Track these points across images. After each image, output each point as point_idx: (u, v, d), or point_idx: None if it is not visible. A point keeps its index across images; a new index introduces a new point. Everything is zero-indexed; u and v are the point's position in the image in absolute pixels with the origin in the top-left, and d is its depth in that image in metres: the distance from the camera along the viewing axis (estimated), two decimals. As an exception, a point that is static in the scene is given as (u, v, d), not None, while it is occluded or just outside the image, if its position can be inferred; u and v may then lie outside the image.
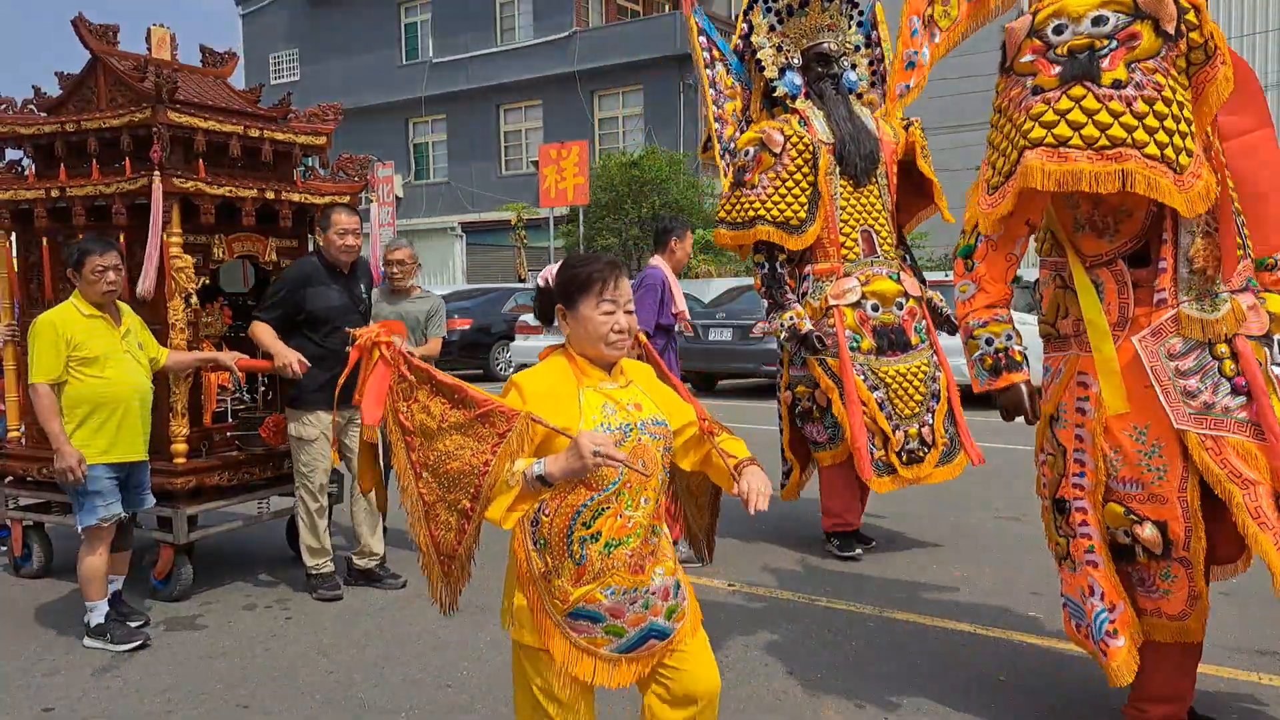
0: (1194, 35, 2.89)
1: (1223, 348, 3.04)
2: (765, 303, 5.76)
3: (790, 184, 5.45)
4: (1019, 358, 3.26)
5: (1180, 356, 3.04)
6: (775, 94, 5.73)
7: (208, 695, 3.92)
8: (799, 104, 5.65)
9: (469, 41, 29.11)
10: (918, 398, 5.45)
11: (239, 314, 5.61)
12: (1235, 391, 3.00)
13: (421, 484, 2.38)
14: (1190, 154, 2.88)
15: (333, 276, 5.06)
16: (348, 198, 5.52)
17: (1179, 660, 3.21)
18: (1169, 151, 2.84)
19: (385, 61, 30.68)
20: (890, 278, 5.55)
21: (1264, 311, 3.11)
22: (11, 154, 5.37)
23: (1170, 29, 2.87)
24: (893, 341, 5.45)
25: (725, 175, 5.79)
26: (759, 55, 5.77)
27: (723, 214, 5.65)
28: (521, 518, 2.31)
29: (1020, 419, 3.36)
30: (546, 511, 2.32)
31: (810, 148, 5.47)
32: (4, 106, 5.26)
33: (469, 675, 4.07)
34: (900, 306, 5.52)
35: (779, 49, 5.78)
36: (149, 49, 5.38)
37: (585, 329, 2.38)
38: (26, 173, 5.33)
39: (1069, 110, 2.89)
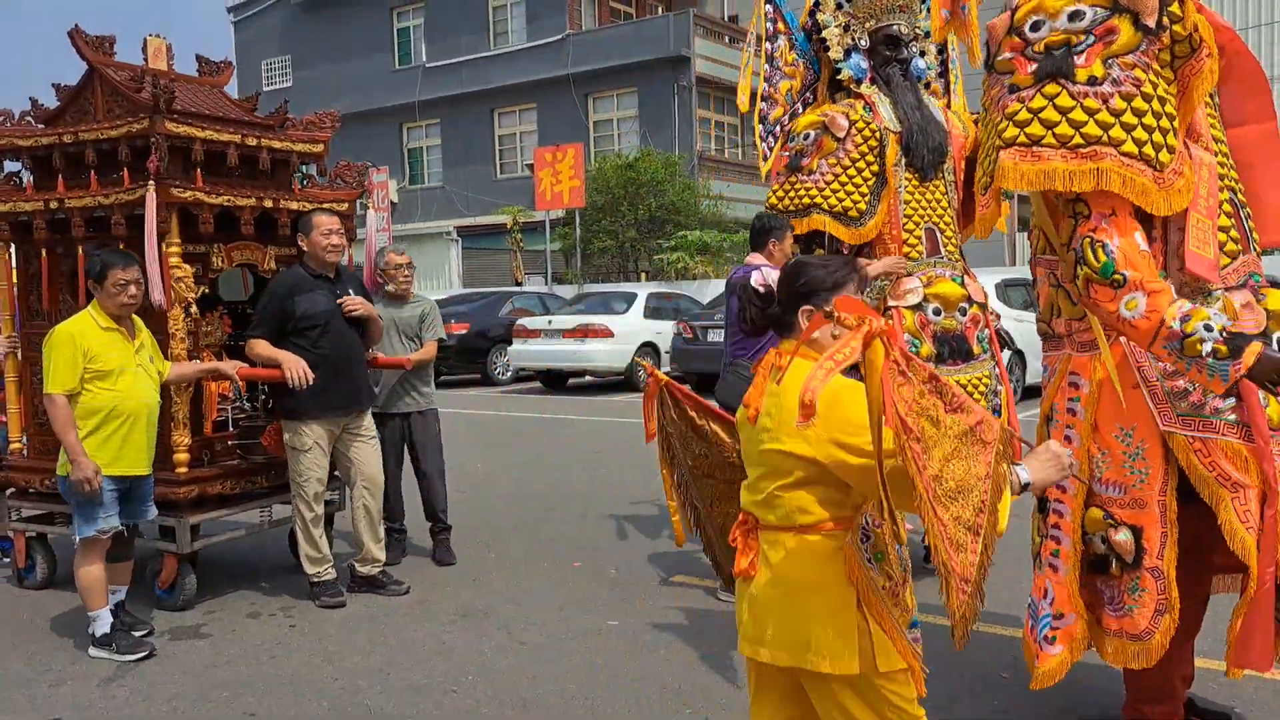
0: (1177, 28, 2.85)
1: None
2: None
3: (852, 172, 5.07)
4: (1241, 328, 2.78)
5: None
6: (839, 76, 5.32)
7: (214, 704, 3.93)
8: (864, 89, 5.24)
9: (462, 45, 29.12)
10: None
11: (239, 322, 5.62)
12: (1226, 392, 2.93)
13: (937, 503, 2.08)
14: (1172, 150, 2.83)
15: (319, 281, 5.06)
16: (345, 205, 5.52)
17: (1170, 662, 3.18)
18: (1147, 149, 2.80)
19: (378, 66, 30.68)
20: (954, 280, 5.11)
21: (1260, 309, 3.03)
22: (9, 166, 5.37)
23: (1150, 22, 2.83)
24: (954, 350, 5.03)
25: (765, 158, 5.44)
26: (824, 34, 5.32)
27: (774, 200, 5.29)
28: (849, 536, 2.21)
29: None
30: (876, 523, 2.19)
31: (877, 134, 5.10)
32: (1, 119, 5.27)
33: (475, 681, 4.08)
34: (963, 312, 5.09)
35: (845, 28, 5.32)
36: (145, 59, 5.39)
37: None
38: (25, 184, 5.33)
39: (1042, 109, 2.85)
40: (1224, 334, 2.70)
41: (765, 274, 2.47)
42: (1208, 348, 2.70)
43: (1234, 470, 2.89)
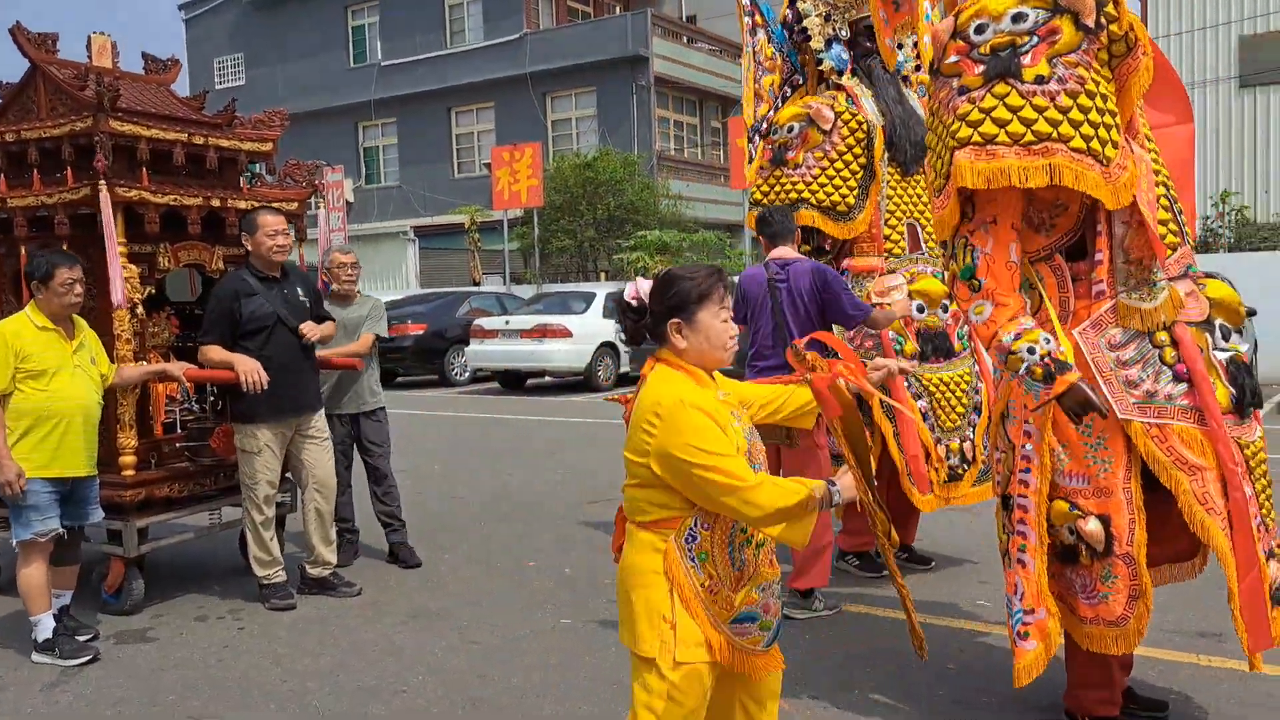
0: (1113, 27, 2.96)
1: (1162, 336, 3.09)
2: None
3: (840, 165, 4.99)
4: (1065, 358, 3.03)
5: (1121, 346, 3.09)
6: (820, 67, 5.26)
7: (160, 707, 3.89)
8: (846, 80, 5.17)
9: (418, 44, 28.90)
10: (960, 409, 5.03)
11: (186, 323, 5.55)
12: (1177, 379, 3.05)
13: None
14: (1116, 145, 2.94)
15: (264, 283, 4.99)
16: (294, 204, 5.48)
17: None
18: (1094, 144, 2.90)
19: (333, 64, 30.37)
20: (936, 277, 5.06)
21: (1203, 297, 3.16)
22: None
23: (1090, 22, 2.93)
24: (936, 347, 5.01)
25: (751, 159, 5.37)
26: (805, 23, 5.25)
27: (759, 195, 5.19)
28: (675, 536, 2.35)
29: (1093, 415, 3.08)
30: (705, 525, 2.35)
31: (864, 126, 5.04)
32: (-59, 117, 5.17)
33: (424, 681, 4.07)
34: (945, 309, 5.05)
35: (826, 19, 5.25)
36: (90, 57, 5.31)
37: (709, 338, 2.40)
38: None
39: (994, 108, 2.96)
40: (1044, 359, 2.98)
41: (639, 285, 2.53)
42: (1024, 368, 3.03)
43: (1190, 454, 3.00)
